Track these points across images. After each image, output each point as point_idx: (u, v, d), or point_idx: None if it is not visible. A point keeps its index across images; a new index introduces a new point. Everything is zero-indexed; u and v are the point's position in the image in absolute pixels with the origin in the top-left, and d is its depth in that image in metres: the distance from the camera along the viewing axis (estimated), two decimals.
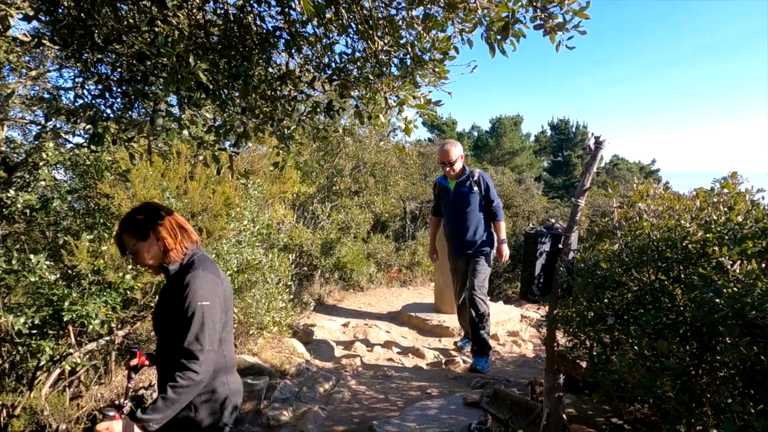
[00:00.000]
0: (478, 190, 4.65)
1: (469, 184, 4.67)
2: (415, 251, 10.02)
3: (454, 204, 4.75)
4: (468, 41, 1.82)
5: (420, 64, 1.74)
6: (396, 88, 1.88)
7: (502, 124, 35.96)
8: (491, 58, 1.78)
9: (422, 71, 1.84)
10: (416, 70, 1.78)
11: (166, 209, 2.13)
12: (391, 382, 4.71)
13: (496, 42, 1.72)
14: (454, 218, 4.76)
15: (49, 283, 3.86)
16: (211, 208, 4.41)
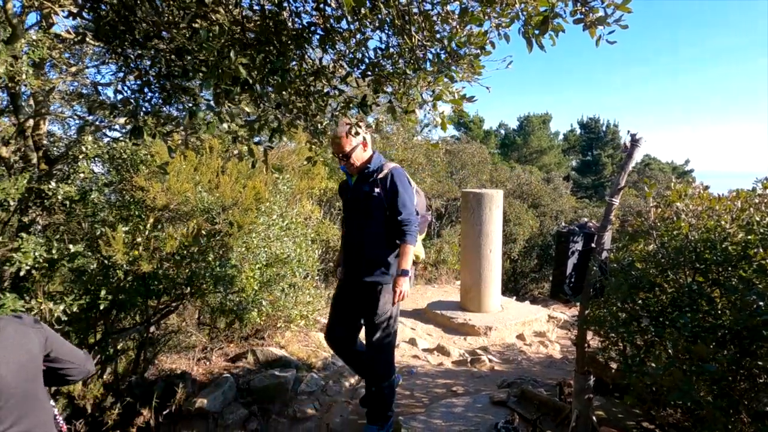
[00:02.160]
0: (381, 193, 3.08)
1: (372, 183, 3.11)
2: (440, 249, 9.98)
3: (350, 208, 3.29)
4: (505, 36, 1.80)
5: (456, 59, 1.73)
6: (431, 83, 1.88)
7: (531, 122, 35.47)
8: (528, 53, 1.76)
9: (457, 66, 1.83)
10: (452, 65, 1.77)
11: None
12: (417, 379, 4.71)
13: (533, 37, 1.70)
14: (348, 228, 3.31)
15: (87, 272, 3.99)
16: (242, 202, 4.48)
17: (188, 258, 4.21)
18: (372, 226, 3.13)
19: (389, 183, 3.08)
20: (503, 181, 13.40)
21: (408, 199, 3.08)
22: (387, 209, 3.10)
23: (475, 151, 13.26)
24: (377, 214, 3.11)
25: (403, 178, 3.14)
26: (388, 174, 3.11)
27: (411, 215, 3.06)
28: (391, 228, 3.11)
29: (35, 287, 4.31)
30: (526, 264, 12.68)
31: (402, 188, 3.07)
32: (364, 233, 3.17)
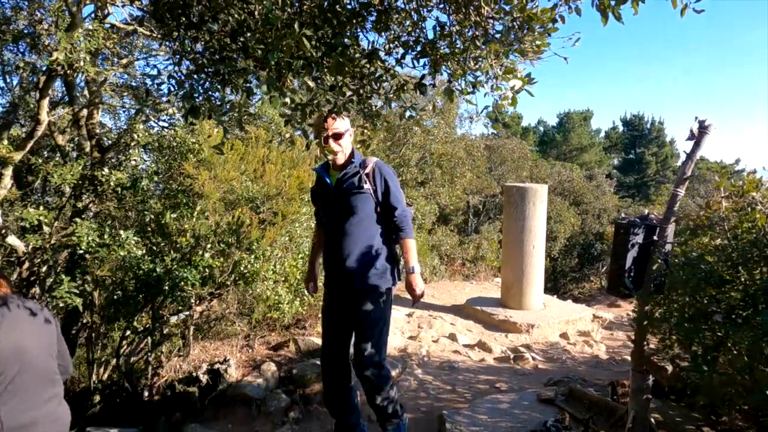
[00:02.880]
0: (371, 188, 2.78)
1: (358, 178, 2.78)
2: (479, 245, 9.83)
3: (334, 209, 2.85)
4: (576, 9, 1.70)
5: (526, 32, 1.64)
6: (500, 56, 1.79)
7: (571, 119, 34.59)
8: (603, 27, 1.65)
9: (523, 44, 1.74)
10: (523, 38, 1.68)
11: None
12: (458, 374, 4.63)
13: (609, 9, 1.59)
14: (333, 232, 2.85)
15: (136, 257, 4.07)
16: (285, 192, 4.49)
17: (232, 246, 4.25)
18: (363, 225, 2.76)
19: (379, 178, 2.79)
20: (543, 178, 13.09)
21: (399, 193, 2.84)
22: (378, 206, 2.79)
23: (515, 147, 13.01)
24: (367, 212, 2.77)
25: (391, 171, 2.90)
26: (375, 168, 2.80)
27: (405, 210, 2.83)
28: (383, 226, 2.79)
29: (88, 271, 4.45)
30: (566, 263, 12.37)
31: (392, 183, 2.81)
32: (354, 234, 2.76)
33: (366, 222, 2.78)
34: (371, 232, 2.78)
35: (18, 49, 5.86)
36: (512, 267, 6.54)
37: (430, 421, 3.65)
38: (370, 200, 2.78)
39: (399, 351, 5.07)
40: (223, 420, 3.73)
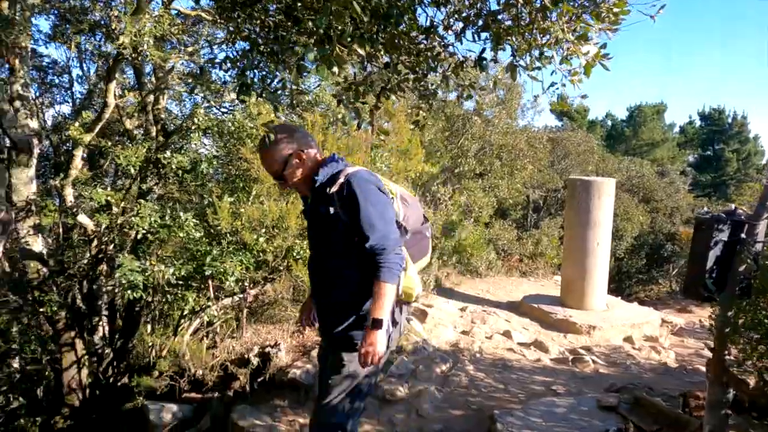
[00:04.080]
0: (340, 210, 2.02)
1: (325, 200, 2.06)
2: (538, 241, 9.46)
3: (310, 236, 2.32)
4: None
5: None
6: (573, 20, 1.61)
7: (642, 113, 32.71)
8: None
9: (599, 7, 1.55)
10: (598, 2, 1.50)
11: None
12: (511, 373, 4.43)
13: None
14: (310, 260, 2.32)
15: (194, 239, 4.18)
16: None
17: (285, 231, 4.27)
18: (333, 259, 2.10)
19: (346, 196, 1.97)
20: (611, 173, 12.40)
21: (376, 214, 1.94)
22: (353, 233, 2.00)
23: (580, 140, 12.40)
24: (337, 242, 2.06)
25: (367, 185, 1.99)
26: (344, 184, 1.99)
27: (385, 239, 1.91)
28: (364, 259, 1.98)
29: (151, 250, 4.62)
30: (632, 263, 11.67)
31: (364, 199, 1.94)
32: (326, 269, 2.14)
33: (339, 257, 2.06)
34: (346, 271, 2.04)
35: (95, 38, 6.17)
36: (573, 264, 6.21)
37: (481, 420, 3.50)
38: (338, 227, 2.03)
39: (450, 345, 4.93)
40: (271, 403, 3.75)
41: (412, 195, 2.27)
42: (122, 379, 5.26)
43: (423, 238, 2.22)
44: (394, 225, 1.97)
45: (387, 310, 1.88)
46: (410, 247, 2.09)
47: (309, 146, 2.14)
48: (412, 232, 2.12)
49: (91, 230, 4.41)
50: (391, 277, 1.89)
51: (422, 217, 2.24)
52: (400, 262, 1.92)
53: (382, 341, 1.88)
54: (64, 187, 4.27)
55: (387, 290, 1.88)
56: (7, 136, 4.37)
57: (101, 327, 5.38)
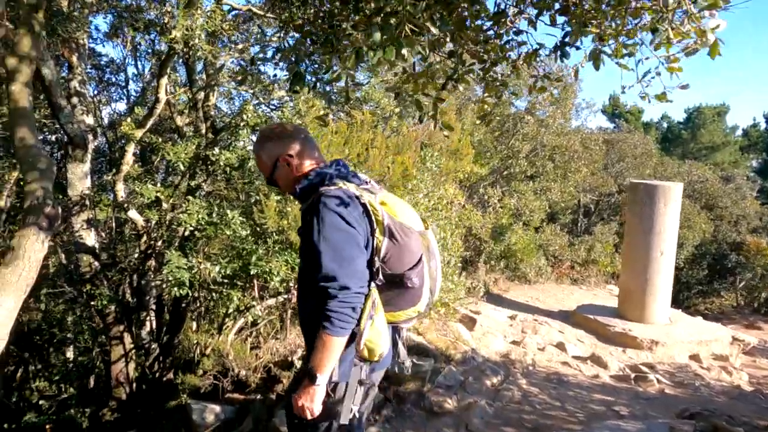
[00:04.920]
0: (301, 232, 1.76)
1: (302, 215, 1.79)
2: (591, 247, 9.01)
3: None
4: None
5: None
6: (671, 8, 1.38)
7: (702, 114, 31.00)
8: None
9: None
10: None
11: None
12: (568, 389, 4.14)
13: None
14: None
15: (240, 237, 4.11)
16: (389, 178, 4.29)
17: None
18: (306, 285, 1.77)
19: (307, 220, 1.67)
20: (669, 178, 11.71)
21: (329, 251, 1.57)
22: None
23: (637, 142, 11.78)
24: (303, 261, 1.80)
25: (330, 214, 1.60)
26: (313, 201, 1.67)
27: (333, 283, 1.55)
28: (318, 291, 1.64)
29: (198, 248, 4.60)
30: (692, 274, 10.97)
31: (318, 231, 1.59)
32: (300, 294, 1.84)
33: (304, 279, 1.79)
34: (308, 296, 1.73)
35: (149, 36, 6.27)
36: (634, 273, 5.82)
37: None
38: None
39: (501, 356, 4.68)
40: None
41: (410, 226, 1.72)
42: (167, 375, 5.29)
43: (410, 288, 1.70)
44: (354, 266, 1.57)
45: (326, 364, 1.57)
46: (388, 293, 1.67)
47: (301, 150, 1.79)
48: (396, 278, 1.66)
49: (141, 226, 4.43)
50: (332, 329, 1.54)
51: (417, 259, 1.71)
52: (350, 314, 1.55)
53: (314, 396, 1.59)
54: (115, 183, 4.31)
55: (328, 343, 1.54)
56: (64, 131, 4.45)
57: (148, 322, 5.43)
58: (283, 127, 1.98)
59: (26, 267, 1.72)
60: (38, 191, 1.80)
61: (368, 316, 1.58)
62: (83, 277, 4.85)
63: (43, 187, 1.82)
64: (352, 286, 1.54)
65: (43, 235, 1.77)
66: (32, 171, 1.83)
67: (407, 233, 1.68)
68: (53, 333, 9.24)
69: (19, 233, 1.79)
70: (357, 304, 1.55)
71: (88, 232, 4.85)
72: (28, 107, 1.90)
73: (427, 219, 2.21)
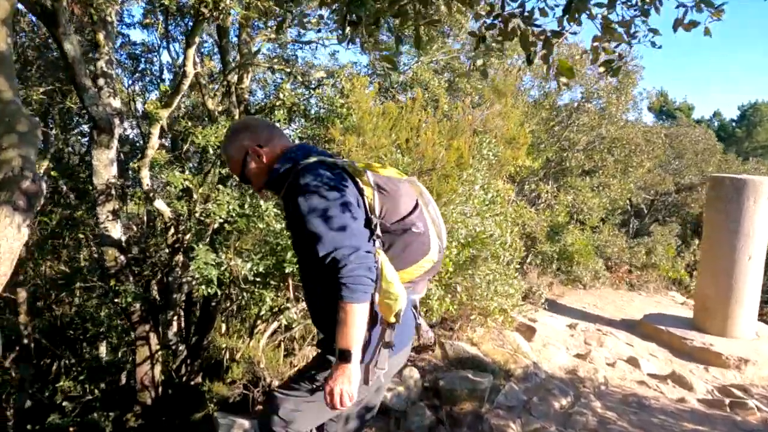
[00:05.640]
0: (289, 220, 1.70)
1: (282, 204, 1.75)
2: (651, 250, 8.25)
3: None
4: None
5: None
6: None
7: (758, 111, 29.23)
8: None
9: None
10: None
11: None
12: (651, 415, 3.54)
13: None
14: None
15: (274, 231, 3.68)
16: (441, 166, 3.78)
17: None
18: (303, 269, 1.76)
19: (289, 204, 1.56)
20: None
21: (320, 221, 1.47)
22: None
23: (698, 137, 10.86)
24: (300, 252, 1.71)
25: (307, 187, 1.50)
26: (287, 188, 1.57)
27: (338, 249, 1.44)
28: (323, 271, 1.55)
29: (228, 242, 4.20)
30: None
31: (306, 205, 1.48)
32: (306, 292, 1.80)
33: (304, 265, 1.73)
34: (309, 284, 1.72)
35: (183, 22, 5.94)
36: (715, 280, 5.11)
37: None
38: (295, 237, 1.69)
39: (566, 373, 4.10)
40: None
41: (399, 177, 1.68)
42: (195, 378, 4.92)
43: (416, 234, 1.63)
44: (353, 229, 1.48)
45: (355, 337, 1.47)
46: (396, 246, 1.60)
47: (270, 140, 1.68)
48: (399, 228, 1.60)
49: (168, 217, 4.06)
50: (353, 296, 1.44)
51: (413, 205, 1.64)
52: (367, 275, 1.44)
53: (351, 377, 1.49)
54: (140, 169, 3.94)
55: (351, 313, 1.45)
56: (88, 114, 4.11)
57: (176, 321, 5.08)
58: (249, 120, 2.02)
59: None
60: (15, 160, 1.39)
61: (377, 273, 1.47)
62: (108, 272, 4.52)
63: (22, 155, 1.40)
64: (361, 245, 1.44)
65: (20, 217, 1.35)
66: (9, 134, 1.42)
67: (395, 182, 1.62)
68: (86, 328, 9.13)
69: None
70: (371, 264, 1.45)
71: (114, 224, 4.51)
72: (5, 52, 1.49)
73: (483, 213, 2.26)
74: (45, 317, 9.49)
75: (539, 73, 7.70)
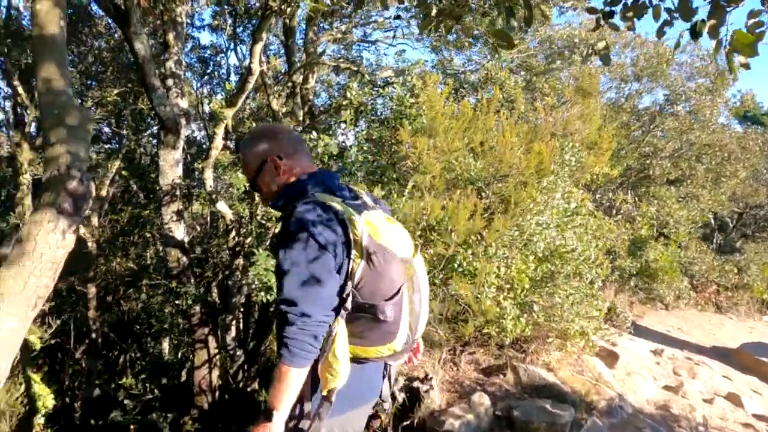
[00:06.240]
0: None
1: None
2: (743, 269, 7.44)
3: None
4: None
5: None
6: None
7: None
8: None
9: None
10: None
11: None
12: None
13: None
14: None
15: None
16: (519, 172, 3.44)
17: (447, 236, 3.37)
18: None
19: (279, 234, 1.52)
20: None
21: (294, 270, 1.37)
22: None
23: None
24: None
25: (298, 233, 1.38)
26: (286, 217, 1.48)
27: (297, 306, 1.35)
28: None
29: None
30: None
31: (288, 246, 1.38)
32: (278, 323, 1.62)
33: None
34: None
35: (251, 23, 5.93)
36: None
37: None
38: None
39: (657, 408, 3.63)
40: None
41: (407, 252, 1.51)
42: (252, 385, 4.82)
43: (382, 322, 1.43)
44: (317, 294, 1.36)
45: (284, 399, 1.37)
46: (357, 324, 1.43)
47: (292, 153, 1.56)
48: (367, 308, 1.42)
49: (230, 220, 3.96)
50: (291, 359, 1.35)
51: (396, 289, 1.44)
52: (310, 342, 1.35)
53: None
54: (204, 170, 3.87)
55: (286, 375, 1.36)
56: (156, 114, 4.09)
57: (234, 326, 5.00)
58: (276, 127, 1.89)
59: (36, 269, 1.15)
60: (63, 157, 1.23)
61: (329, 343, 1.37)
62: (170, 272, 4.49)
63: (71, 152, 1.24)
64: (314, 313, 1.34)
65: (65, 222, 1.19)
66: (57, 128, 1.27)
67: (387, 258, 1.43)
68: (151, 323, 9.40)
69: (30, 219, 1.22)
70: (319, 333, 1.36)
71: (177, 224, 4.48)
72: (58, 36, 1.34)
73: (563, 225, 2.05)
74: (114, 312, 9.88)
75: (617, 73, 7.14)
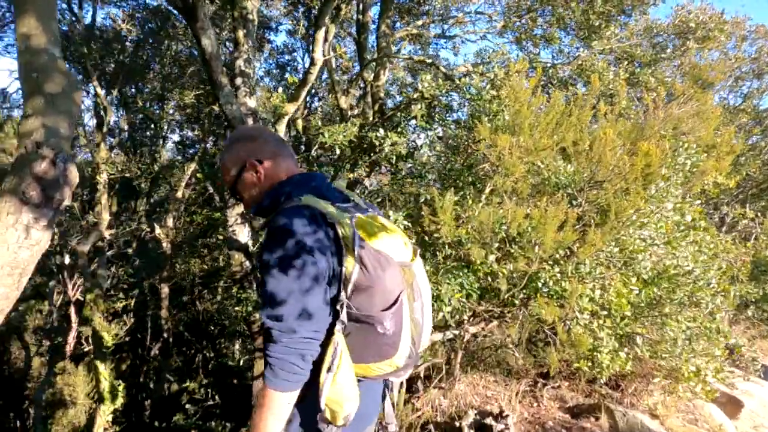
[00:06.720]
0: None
1: None
2: None
3: None
4: None
5: None
6: None
7: None
8: None
9: None
10: None
11: None
12: None
13: None
14: None
15: None
16: (620, 177, 2.88)
17: (530, 250, 2.89)
18: None
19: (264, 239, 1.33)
20: None
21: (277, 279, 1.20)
22: None
23: None
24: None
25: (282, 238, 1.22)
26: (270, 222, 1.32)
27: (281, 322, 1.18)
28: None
29: None
30: None
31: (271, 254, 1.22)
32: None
33: None
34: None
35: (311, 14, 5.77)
36: None
37: None
38: None
39: None
40: None
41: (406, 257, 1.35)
42: None
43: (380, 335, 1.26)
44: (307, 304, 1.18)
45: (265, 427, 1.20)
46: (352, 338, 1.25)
47: (274, 157, 1.43)
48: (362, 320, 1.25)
49: None
50: (275, 382, 1.18)
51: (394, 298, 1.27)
52: (297, 363, 1.17)
53: None
54: None
55: (269, 400, 1.19)
56: (223, 113, 3.97)
57: None
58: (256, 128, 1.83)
59: None
60: (37, 132, 0.96)
61: (327, 368, 1.20)
62: (233, 277, 4.35)
63: (46, 126, 0.97)
64: (300, 329, 1.18)
65: (29, 215, 0.91)
66: (35, 96, 1.01)
67: (383, 263, 1.27)
68: (224, 324, 9.58)
69: None
70: (307, 352, 1.19)
71: (242, 227, 4.34)
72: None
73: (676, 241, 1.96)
74: (190, 311, 10.19)
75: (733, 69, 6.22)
